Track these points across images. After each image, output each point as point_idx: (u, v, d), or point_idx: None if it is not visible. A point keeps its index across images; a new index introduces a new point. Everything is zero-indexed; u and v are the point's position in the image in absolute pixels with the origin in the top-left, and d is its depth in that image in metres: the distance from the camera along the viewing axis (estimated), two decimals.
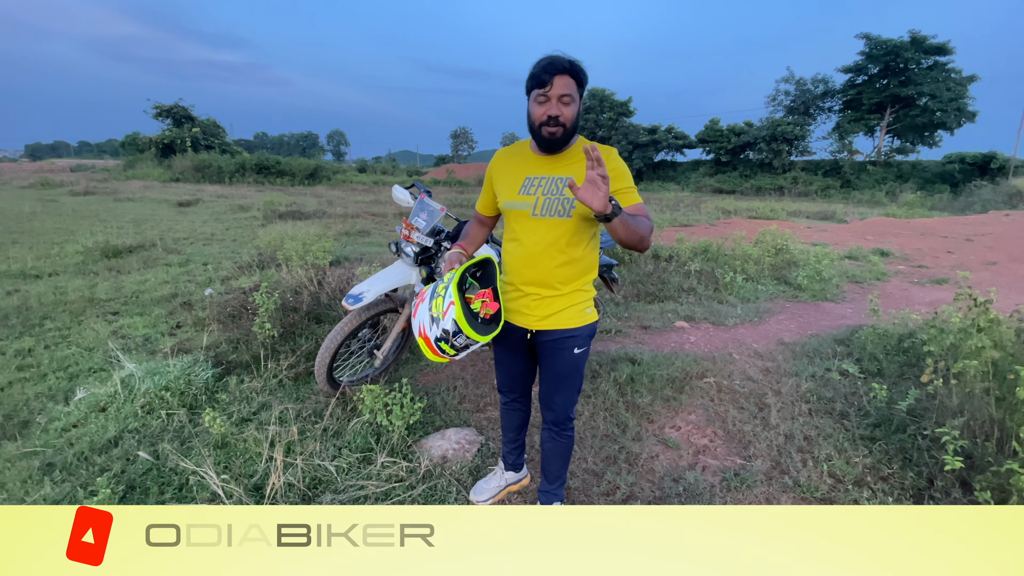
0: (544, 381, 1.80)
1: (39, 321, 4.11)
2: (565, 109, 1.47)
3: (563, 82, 1.44)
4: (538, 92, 1.47)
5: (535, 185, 1.58)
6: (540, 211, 1.56)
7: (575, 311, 1.66)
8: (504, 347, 1.82)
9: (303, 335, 3.68)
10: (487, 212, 1.81)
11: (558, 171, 1.57)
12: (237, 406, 2.77)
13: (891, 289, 6.10)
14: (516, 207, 1.61)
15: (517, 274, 1.67)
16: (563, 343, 1.68)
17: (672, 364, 3.44)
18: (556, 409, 1.81)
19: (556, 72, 1.43)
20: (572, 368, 1.73)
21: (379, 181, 28.75)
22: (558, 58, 1.45)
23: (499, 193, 1.68)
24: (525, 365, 1.86)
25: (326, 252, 5.23)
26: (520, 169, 1.62)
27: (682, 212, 14.55)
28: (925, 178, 26.77)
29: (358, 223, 10.36)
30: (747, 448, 2.56)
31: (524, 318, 1.70)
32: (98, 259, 6.26)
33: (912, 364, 3.30)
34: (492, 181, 1.72)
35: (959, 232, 10.61)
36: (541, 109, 1.48)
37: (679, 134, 34.24)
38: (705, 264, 6.35)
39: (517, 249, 1.65)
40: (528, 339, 1.73)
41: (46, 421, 2.66)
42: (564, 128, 1.49)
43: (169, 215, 11.07)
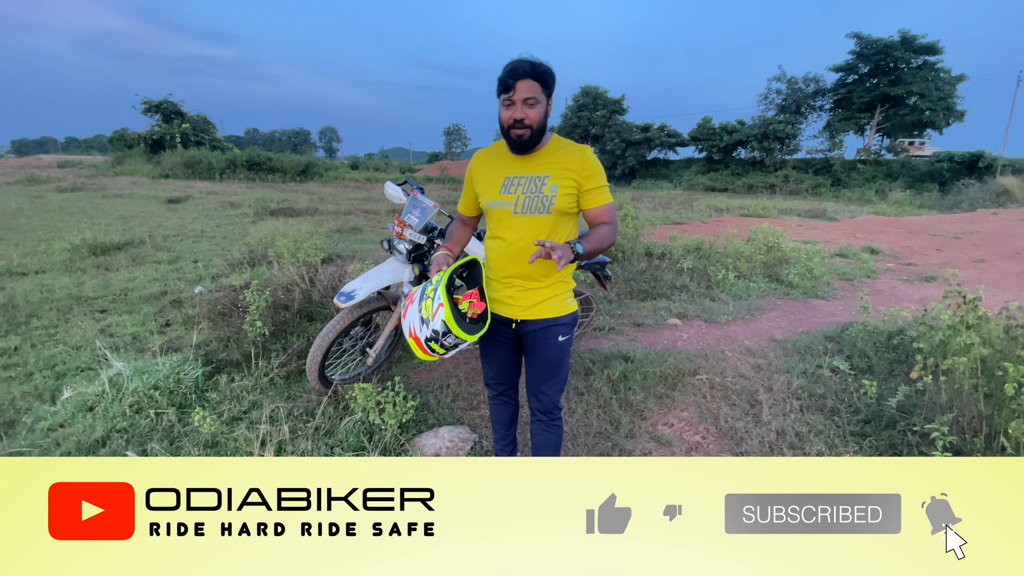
0: (531, 371, 1.84)
1: (25, 319, 4.04)
2: (530, 111, 1.54)
3: (526, 85, 1.51)
4: (504, 97, 1.55)
5: (515, 184, 1.64)
6: (521, 209, 1.63)
7: (558, 300, 1.73)
8: (490, 339, 1.85)
9: (295, 333, 3.65)
10: (470, 212, 1.86)
11: (535, 170, 1.63)
12: (227, 405, 2.74)
13: (881, 286, 6.16)
14: (498, 206, 1.67)
15: (501, 269, 1.73)
16: (548, 331, 1.74)
17: (665, 361, 3.45)
18: (544, 399, 1.85)
19: (519, 77, 1.51)
20: (558, 356, 1.78)
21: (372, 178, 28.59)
22: (521, 63, 1.52)
23: (480, 193, 1.74)
24: (512, 356, 1.90)
25: (318, 249, 5.18)
26: (500, 169, 1.68)
27: (675, 210, 14.60)
28: (914, 176, 27.06)
29: (350, 220, 10.30)
30: (739, 444, 2.57)
31: (509, 308, 1.75)
32: (85, 256, 6.18)
33: (902, 361, 3.33)
34: (472, 182, 1.78)
35: (947, 230, 10.74)
36: (508, 113, 1.55)
37: (672, 132, 34.35)
38: (697, 262, 6.38)
39: (500, 246, 1.71)
40: (513, 329, 1.78)
41: (32, 421, 2.62)
42: (531, 129, 1.56)
43: (158, 212, 10.94)
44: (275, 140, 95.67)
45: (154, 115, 29.95)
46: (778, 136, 30.39)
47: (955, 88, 27.62)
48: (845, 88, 30.81)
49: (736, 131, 31.82)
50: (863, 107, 29.96)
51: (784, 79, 32.83)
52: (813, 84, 32.14)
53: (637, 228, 6.62)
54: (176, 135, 28.65)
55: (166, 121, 29.81)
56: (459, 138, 69.13)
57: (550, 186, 1.59)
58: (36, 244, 6.82)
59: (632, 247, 6.45)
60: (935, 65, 27.96)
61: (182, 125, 29.57)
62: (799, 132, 30.98)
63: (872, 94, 29.31)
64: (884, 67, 28.69)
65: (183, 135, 29.02)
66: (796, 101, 32.53)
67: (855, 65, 29.92)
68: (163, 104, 29.85)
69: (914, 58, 27.99)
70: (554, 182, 1.59)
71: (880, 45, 28.09)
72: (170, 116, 30.02)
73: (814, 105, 32.73)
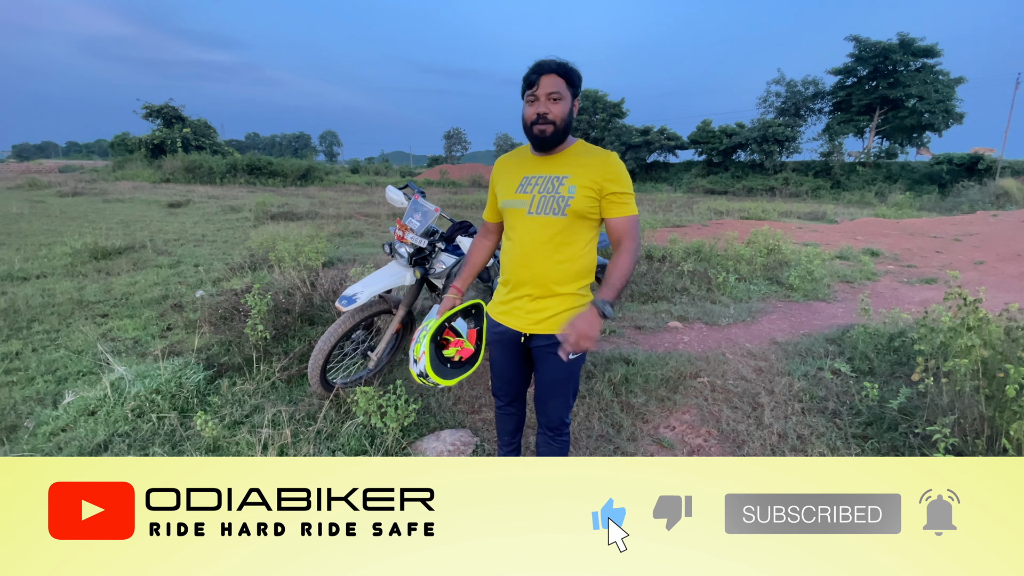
0: (539, 386, 1.78)
1: (27, 324, 4.05)
2: (553, 106, 1.50)
3: (550, 81, 1.50)
4: (528, 92, 1.52)
5: (532, 184, 1.60)
6: (535, 209, 1.58)
7: (570, 315, 1.61)
8: (499, 350, 1.80)
9: (296, 337, 3.66)
10: (493, 219, 1.83)
11: (554, 170, 1.58)
12: (229, 409, 2.74)
13: (881, 289, 6.16)
14: (513, 205, 1.62)
15: (512, 273, 1.67)
16: (557, 347, 1.64)
17: (666, 364, 3.45)
18: (551, 414, 1.79)
19: (543, 72, 1.49)
20: (567, 373, 1.71)
21: (372, 182, 28.65)
22: (547, 60, 1.51)
23: (499, 193, 1.70)
24: (520, 369, 1.83)
25: (319, 253, 5.20)
26: (519, 170, 1.65)
27: (675, 213, 14.62)
28: (914, 179, 27.09)
29: (351, 224, 10.31)
30: (741, 447, 2.57)
31: (518, 320, 1.68)
32: (87, 261, 6.19)
33: (903, 363, 3.33)
34: (494, 186, 1.74)
35: (947, 232, 10.74)
36: (531, 109, 1.52)
37: (671, 135, 34.43)
38: (698, 264, 6.38)
39: (513, 248, 1.66)
40: (522, 343, 1.72)
41: (34, 425, 2.63)
42: (554, 125, 1.52)
43: (159, 216, 10.96)
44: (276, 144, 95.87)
45: (155, 120, 30.03)
46: (777, 139, 30.45)
47: (954, 90, 27.67)
48: (844, 91, 30.87)
49: (736, 134, 31.89)
50: (862, 110, 30.01)
51: (783, 82, 32.96)
52: (812, 87, 32.25)
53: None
54: (177, 139, 28.73)
55: (167, 126, 29.88)
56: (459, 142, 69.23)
57: (568, 187, 1.53)
58: (37, 249, 6.83)
59: None
60: (934, 68, 28.02)
61: (183, 129, 29.64)
62: (798, 135, 31.06)
63: (871, 97, 29.35)
64: (883, 70, 28.75)
65: (184, 139, 29.09)
66: (795, 104, 32.63)
67: (854, 68, 29.99)
68: (164, 109, 29.93)
69: (913, 61, 28.05)
70: (573, 183, 1.53)
71: (879, 48, 28.16)
72: (171, 121, 30.09)
73: (813, 108, 32.83)
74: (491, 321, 1.78)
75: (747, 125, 32.16)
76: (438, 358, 1.73)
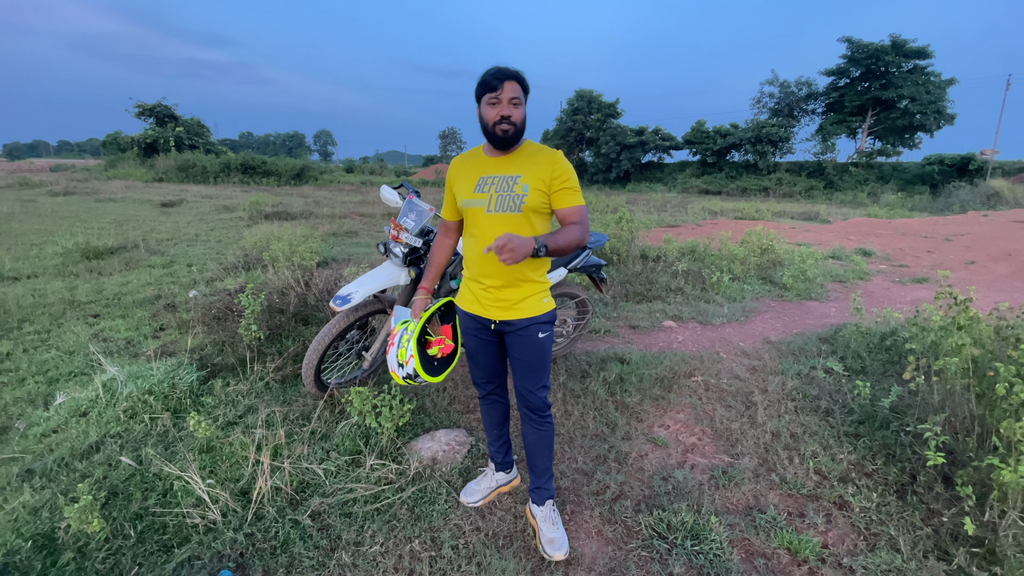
0: (516, 371, 1.89)
1: (17, 324, 4.01)
2: (515, 110, 1.63)
3: (511, 87, 1.61)
4: (490, 96, 1.62)
5: (488, 183, 1.71)
6: (494, 207, 1.70)
7: (534, 300, 1.80)
8: (473, 340, 1.92)
9: (290, 337, 3.64)
10: (453, 217, 1.93)
11: (508, 170, 1.70)
12: (223, 409, 2.73)
13: (873, 288, 6.21)
14: (472, 205, 1.74)
15: (479, 267, 1.79)
16: (527, 330, 1.80)
17: (660, 363, 3.46)
18: (532, 397, 1.89)
19: (505, 78, 1.61)
20: (540, 353, 1.84)
21: (367, 181, 28.57)
22: (504, 68, 1.63)
23: (457, 193, 1.81)
24: (496, 354, 1.95)
25: (313, 253, 5.17)
26: (475, 171, 1.76)
27: (669, 213, 14.67)
28: (905, 179, 27.29)
29: (345, 224, 10.29)
30: (735, 446, 2.58)
31: (487, 310, 1.82)
32: (78, 260, 6.14)
33: (895, 362, 3.36)
34: (451, 185, 1.85)
35: (939, 232, 10.83)
36: (494, 111, 1.63)
37: (666, 135, 34.52)
38: (692, 264, 6.41)
39: (475, 245, 1.77)
40: (493, 329, 1.85)
41: (25, 426, 2.60)
42: (515, 127, 1.65)
43: (152, 216, 10.88)
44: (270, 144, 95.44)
45: (148, 118, 29.80)
46: (771, 139, 30.61)
47: (945, 92, 27.89)
48: (837, 92, 31.05)
49: (730, 134, 32.02)
50: (855, 110, 30.20)
51: (777, 83, 33.13)
52: (805, 88, 32.43)
53: (632, 231, 6.64)
54: (170, 138, 28.52)
55: (160, 124, 29.66)
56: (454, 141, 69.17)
57: (521, 185, 1.66)
58: (28, 248, 6.77)
59: (627, 250, 6.48)
60: (925, 69, 28.24)
61: (176, 128, 29.43)
62: (792, 135, 31.23)
63: (863, 98, 29.54)
64: (875, 71, 28.94)
65: (177, 138, 28.89)
66: (789, 105, 32.80)
67: (846, 69, 30.17)
68: (157, 107, 29.71)
69: (905, 62, 28.26)
70: (525, 182, 1.66)
71: (871, 49, 28.35)
72: (164, 119, 29.86)
73: (806, 108, 33.00)
74: (463, 313, 1.91)
75: (741, 125, 32.30)
76: (423, 358, 1.81)
